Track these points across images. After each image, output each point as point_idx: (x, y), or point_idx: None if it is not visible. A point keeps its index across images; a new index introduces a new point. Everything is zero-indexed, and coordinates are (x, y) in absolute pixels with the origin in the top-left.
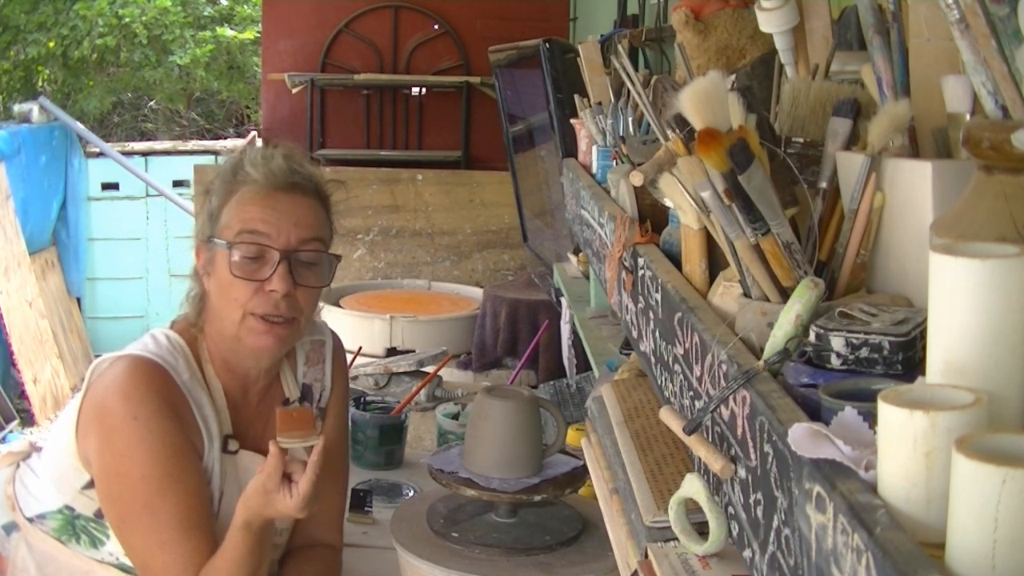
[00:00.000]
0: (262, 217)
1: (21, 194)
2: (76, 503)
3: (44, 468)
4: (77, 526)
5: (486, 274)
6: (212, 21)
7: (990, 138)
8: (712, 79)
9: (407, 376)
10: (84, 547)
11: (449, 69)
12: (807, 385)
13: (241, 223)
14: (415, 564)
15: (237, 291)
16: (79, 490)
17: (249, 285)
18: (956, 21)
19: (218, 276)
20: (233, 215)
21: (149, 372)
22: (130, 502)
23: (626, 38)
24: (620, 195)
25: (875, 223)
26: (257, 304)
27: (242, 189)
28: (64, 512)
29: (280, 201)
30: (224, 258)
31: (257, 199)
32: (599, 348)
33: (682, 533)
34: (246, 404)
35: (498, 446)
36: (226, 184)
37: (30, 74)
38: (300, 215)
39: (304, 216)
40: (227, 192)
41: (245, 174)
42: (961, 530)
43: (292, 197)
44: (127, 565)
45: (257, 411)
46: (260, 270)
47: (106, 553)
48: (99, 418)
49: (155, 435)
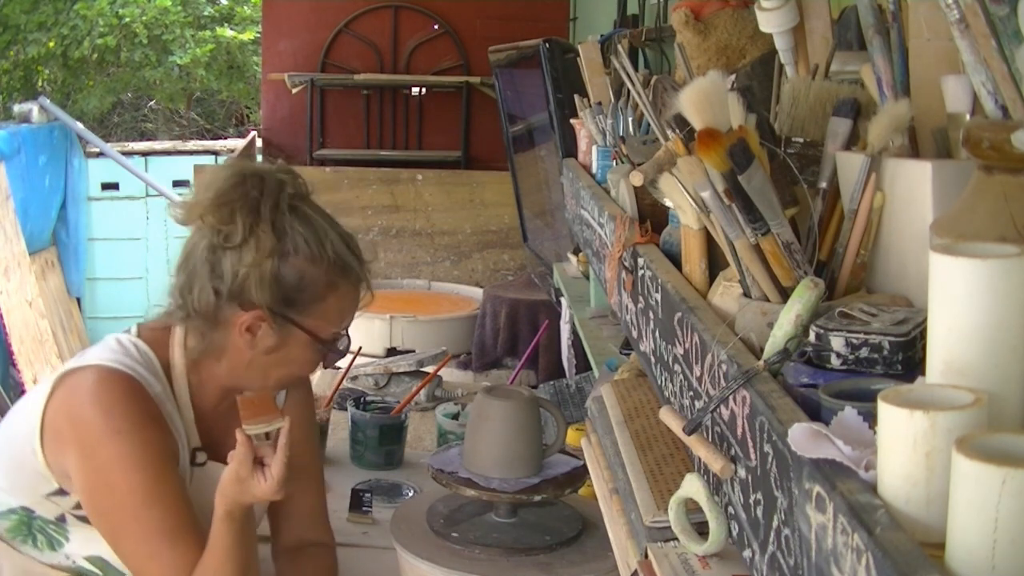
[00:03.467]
0: (353, 312)
1: (21, 194)
2: (38, 507)
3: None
4: (34, 526)
5: (486, 274)
6: (212, 21)
7: (990, 138)
8: (712, 79)
9: (407, 376)
10: (40, 548)
11: (449, 69)
12: (807, 385)
13: (338, 325)
14: (415, 564)
15: (305, 369)
16: (44, 496)
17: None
18: (956, 21)
19: (284, 356)
20: (333, 312)
21: (123, 384)
22: (119, 514)
23: (626, 38)
24: (620, 195)
25: (875, 223)
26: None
27: (344, 283)
28: (20, 512)
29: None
30: (307, 346)
31: (352, 296)
32: (599, 348)
33: (682, 533)
34: (213, 415)
35: (498, 446)
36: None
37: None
38: None
39: None
40: (328, 284)
41: (349, 267)
42: (961, 530)
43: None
44: (86, 569)
45: (225, 422)
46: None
47: (63, 556)
48: (77, 433)
49: (139, 448)
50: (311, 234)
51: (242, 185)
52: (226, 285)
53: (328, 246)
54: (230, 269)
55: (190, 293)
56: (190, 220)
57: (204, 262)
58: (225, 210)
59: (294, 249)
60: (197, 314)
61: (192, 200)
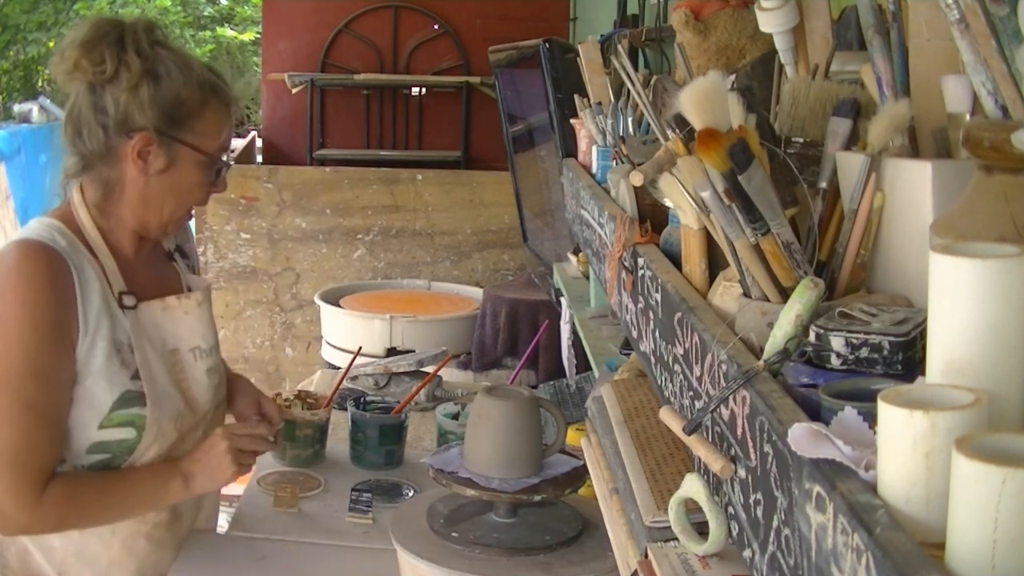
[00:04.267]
0: (230, 132)
1: (21, 194)
2: None
3: None
4: None
5: (486, 274)
6: (212, 21)
7: (990, 138)
8: (712, 79)
9: (407, 376)
10: None
11: (449, 69)
12: (807, 385)
13: (220, 141)
14: (415, 564)
15: (196, 194)
16: None
17: (207, 189)
18: (956, 21)
19: (175, 177)
20: (212, 127)
21: (30, 252)
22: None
23: (626, 38)
24: (620, 195)
25: (875, 223)
26: (200, 201)
27: (215, 100)
28: None
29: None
30: (193, 164)
31: (226, 113)
32: (599, 348)
33: (682, 533)
34: (135, 262)
35: (498, 446)
36: (200, 91)
37: (30, 74)
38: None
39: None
40: (201, 101)
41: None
42: (961, 530)
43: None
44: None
45: (147, 268)
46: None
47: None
48: None
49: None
50: (178, 58)
51: (103, 27)
52: (111, 118)
53: (195, 68)
54: (111, 101)
55: (80, 138)
56: (65, 68)
57: (88, 105)
58: (94, 52)
59: (166, 72)
60: (92, 155)
61: (64, 50)
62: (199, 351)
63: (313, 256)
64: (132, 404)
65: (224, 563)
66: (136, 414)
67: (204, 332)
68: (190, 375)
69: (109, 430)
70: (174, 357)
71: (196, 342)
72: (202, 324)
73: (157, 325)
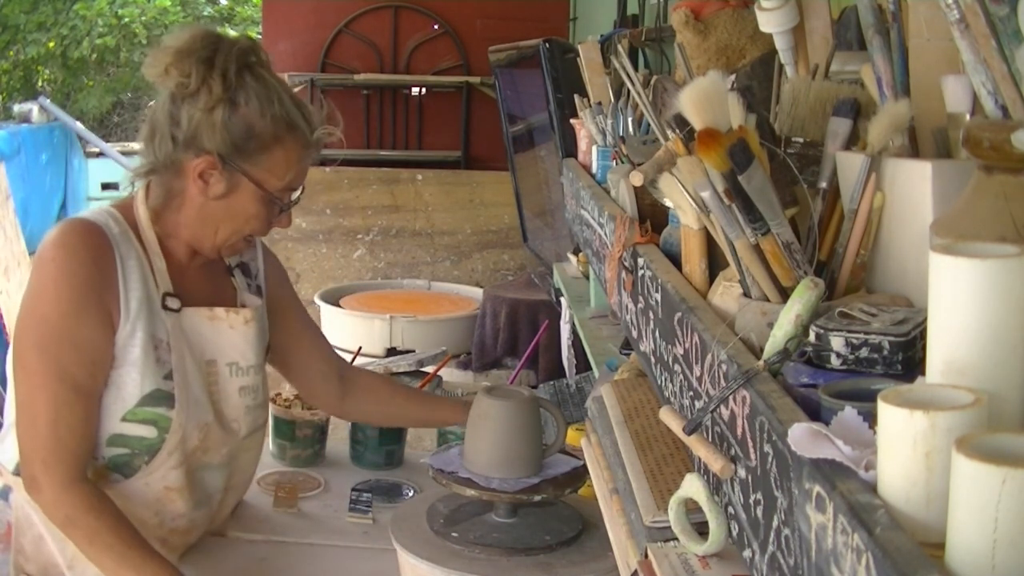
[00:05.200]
0: (299, 172)
1: (21, 194)
2: None
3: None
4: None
5: (486, 274)
6: (212, 21)
7: (990, 138)
8: (712, 79)
9: (407, 376)
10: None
11: (449, 69)
12: (807, 385)
13: (287, 181)
14: (415, 564)
15: (254, 225)
16: None
17: (267, 222)
18: (956, 21)
19: (233, 205)
20: (280, 166)
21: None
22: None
23: (626, 38)
24: (620, 195)
25: (875, 223)
26: (257, 232)
27: (291, 139)
28: None
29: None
30: (253, 196)
31: (298, 154)
32: (599, 348)
33: (682, 533)
34: (186, 268)
35: (498, 446)
36: (275, 126)
37: (30, 74)
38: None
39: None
40: (274, 136)
41: (298, 128)
42: (961, 530)
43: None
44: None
45: (198, 273)
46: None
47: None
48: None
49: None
50: (261, 89)
51: (201, 40)
52: (182, 132)
53: (276, 102)
54: (186, 116)
55: (152, 142)
56: (156, 71)
57: (165, 113)
58: (185, 63)
59: (244, 101)
60: (159, 162)
61: (158, 52)
62: (236, 367)
63: (313, 256)
64: (160, 403)
65: (224, 563)
66: (161, 414)
67: (245, 350)
68: (223, 389)
69: (131, 424)
70: (210, 368)
71: (235, 358)
72: (245, 342)
73: (199, 333)
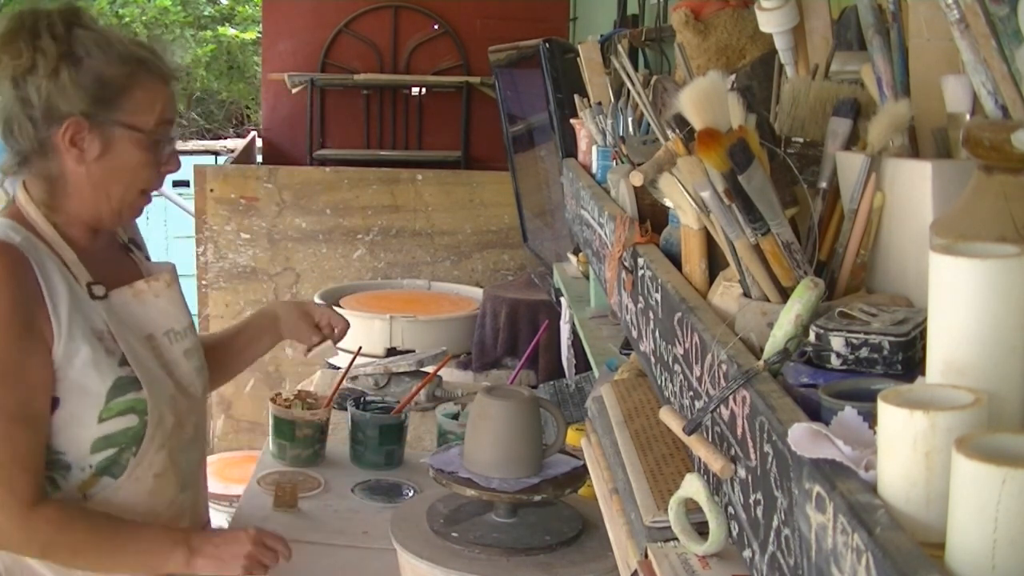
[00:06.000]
0: (166, 104)
1: None
2: None
3: None
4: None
5: (486, 274)
6: (212, 21)
7: (990, 138)
8: (712, 79)
9: (407, 376)
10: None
11: (449, 69)
12: (807, 385)
13: (158, 114)
14: (415, 564)
15: (144, 175)
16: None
17: (155, 169)
18: (956, 21)
19: (115, 160)
20: (144, 103)
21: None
22: None
23: (626, 38)
24: (620, 195)
25: (875, 223)
26: (150, 182)
27: (144, 75)
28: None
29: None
30: (131, 144)
31: (159, 87)
32: (599, 348)
33: (682, 533)
34: (94, 253)
35: (498, 446)
36: (125, 66)
37: None
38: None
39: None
40: (127, 76)
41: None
42: (961, 530)
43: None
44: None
45: (103, 258)
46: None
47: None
48: None
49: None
50: (98, 36)
51: (19, 18)
52: (37, 108)
53: (116, 43)
54: (34, 91)
55: (12, 135)
56: None
57: (14, 100)
58: (12, 45)
59: (85, 52)
60: (25, 149)
61: None
62: (173, 334)
63: (313, 256)
64: (128, 390)
65: None
66: (135, 399)
67: (176, 314)
68: (170, 359)
69: (111, 421)
70: (151, 343)
71: (170, 324)
72: (174, 306)
73: (130, 312)
